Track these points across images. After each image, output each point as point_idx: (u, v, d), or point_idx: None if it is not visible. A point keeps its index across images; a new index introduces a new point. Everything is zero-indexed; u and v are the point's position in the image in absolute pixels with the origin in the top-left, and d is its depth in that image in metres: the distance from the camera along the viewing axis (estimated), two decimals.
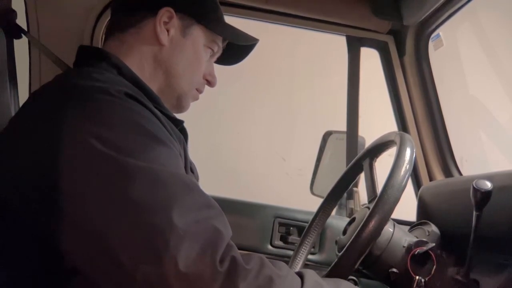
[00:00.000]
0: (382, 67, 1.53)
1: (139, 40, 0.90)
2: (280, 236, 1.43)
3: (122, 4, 0.95)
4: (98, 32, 1.36)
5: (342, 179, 1.13)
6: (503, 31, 2.04)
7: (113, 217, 0.61)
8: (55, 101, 0.71)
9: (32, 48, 1.33)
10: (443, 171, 1.45)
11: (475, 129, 2.17)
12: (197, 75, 0.96)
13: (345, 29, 1.49)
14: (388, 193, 0.81)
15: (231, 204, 1.45)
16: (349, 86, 1.55)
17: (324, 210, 1.14)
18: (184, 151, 0.84)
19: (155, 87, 0.91)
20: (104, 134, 0.65)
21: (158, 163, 0.65)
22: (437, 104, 1.46)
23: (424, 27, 1.42)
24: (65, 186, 0.63)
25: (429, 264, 0.88)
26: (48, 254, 0.66)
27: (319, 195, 1.56)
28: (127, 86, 0.78)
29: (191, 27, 0.93)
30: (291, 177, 2.69)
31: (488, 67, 2.09)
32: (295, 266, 1.12)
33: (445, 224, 1.01)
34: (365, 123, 1.56)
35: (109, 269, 0.61)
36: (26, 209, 0.67)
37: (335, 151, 1.59)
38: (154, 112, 0.76)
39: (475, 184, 0.79)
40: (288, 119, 2.79)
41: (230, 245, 0.63)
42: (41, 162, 0.65)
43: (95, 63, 0.84)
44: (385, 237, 0.90)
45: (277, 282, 0.62)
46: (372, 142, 1.05)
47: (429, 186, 1.30)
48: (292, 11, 1.45)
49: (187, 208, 0.62)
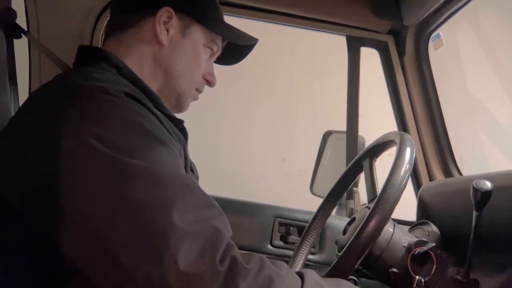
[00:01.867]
0: (382, 67, 1.53)
1: (138, 40, 0.90)
2: (280, 236, 1.43)
3: (121, 4, 0.95)
4: (98, 32, 1.36)
5: (342, 179, 1.13)
6: (503, 31, 2.04)
7: (113, 217, 0.61)
8: (55, 101, 0.71)
9: (32, 48, 1.33)
10: (443, 171, 1.45)
11: (475, 129, 2.17)
12: (196, 75, 0.96)
13: (345, 29, 1.49)
14: (388, 193, 0.81)
15: (231, 204, 1.45)
16: (349, 86, 1.55)
17: (324, 210, 1.14)
18: (184, 151, 0.84)
19: (155, 87, 0.91)
20: (104, 134, 0.65)
21: (158, 163, 0.65)
22: (437, 104, 1.46)
23: (424, 27, 1.42)
24: (65, 186, 0.63)
25: (429, 264, 0.88)
26: (48, 254, 0.66)
27: (319, 195, 1.56)
28: (127, 86, 0.78)
29: (190, 27, 0.93)
30: (291, 177, 2.69)
31: (488, 67, 2.09)
32: (295, 266, 1.12)
33: (445, 224, 1.01)
34: (365, 123, 1.56)
35: (109, 269, 0.61)
36: (26, 209, 0.67)
37: (335, 151, 1.59)
38: (154, 112, 0.76)
39: (475, 184, 0.79)
40: (288, 119, 2.79)
41: (230, 244, 0.63)
42: (41, 162, 0.65)
43: (95, 63, 0.84)
44: (385, 237, 0.90)
45: (277, 281, 0.62)
46: (372, 142, 1.05)
47: (429, 186, 1.30)
48: (292, 11, 1.45)
49: (187, 208, 0.62)
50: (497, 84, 2.07)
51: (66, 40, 1.31)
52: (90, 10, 1.35)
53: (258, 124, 2.75)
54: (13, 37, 1.11)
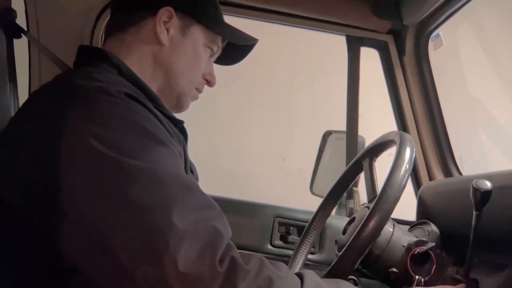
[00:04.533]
0: (382, 67, 1.53)
1: (139, 40, 0.90)
2: (280, 235, 1.43)
3: (121, 4, 0.95)
4: (98, 32, 1.36)
5: (342, 179, 1.13)
6: (503, 31, 2.04)
7: (113, 218, 0.61)
8: (55, 101, 0.71)
9: (32, 48, 1.33)
10: (443, 171, 1.45)
11: (475, 129, 2.17)
12: (196, 74, 0.96)
13: (345, 29, 1.49)
14: (388, 193, 0.81)
15: (231, 204, 1.45)
16: (349, 86, 1.55)
17: (324, 210, 1.14)
18: (184, 152, 0.84)
19: (155, 87, 0.91)
20: (104, 135, 0.65)
21: (158, 164, 0.65)
22: (437, 104, 1.46)
23: (424, 27, 1.42)
24: (65, 187, 0.63)
25: (429, 263, 0.88)
26: (48, 254, 0.66)
27: (319, 194, 1.56)
28: (127, 86, 0.78)
29: (190, 27, 0.93)
30: (291, 177, 2.69)
31: (488, 67, 2.09)
32: (295, 265, 1.12)
33: (445, 224, 1.01)
34: (365, 123, 1.56)
35: (109, 269, 0.61)
36: (26, 209, 0.67)
37: (335, 151, 1.59)
38: (154, 113, 0.76)
39: (475, 184, 0.79)
40: (288, 119, 2.79)
41: (230, 245, 0.63)
42: (41, 162, 0.65)
43: (95, 63, 0.84)
44: (385, 237, 0.90)
45: (277, 282, 0.62)
46: (372, 142, 1.05)
47: (429, 185, 1.30)
48: (292, 11, 1.45)
49: (187, 209, 0.62)
50: (497, 84, 2.07)
51: (66, 40, 1.31)
52: (90, 10, 1.34)
53: (258, 124, 2.74)
54: (13, 37, 1.10)
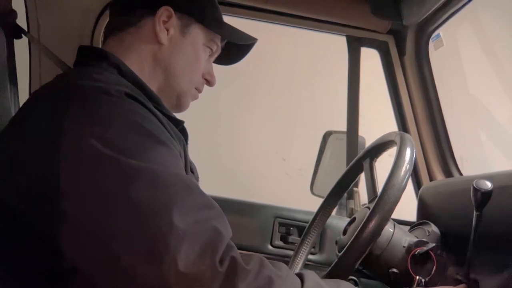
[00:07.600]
0: (382, 67, 1.53)
1: (138, 39, 0.90)
2: (280, 236, 1.43)
3: (121, 4, 0.95)
4: (98, 32, 1.36)
5: (342, 179, 1.13)
6: (503, 31, 2.04)
7: (113, 218, 0.61)
8: (56, 101, 0.71)
9: (32, 48, 1.33)
10: (443, 171, 1.45)
11: (475, 129, 2.16)
12: (196, 74, 0.96)
13: (345, 29, 1.49)
14: (388, 193, 0.81)
15: (231, 204, 1.45)
16: (349, 86, 1.55)
17: (324, 210, 1.14)
18: (184, 152, 0.84)
19: (155, 87, 0.91)
20: (104, 135, 0.65)
21: (158, 164, 0.65)
22: (437, 104, 1.46)
23: (424, 27, 1.42)
24: (65, 187, 0.63)
25: (429, 264, 0.88)
26: (48, 254, 0.66)
27: (319, 195, 1.56)
28: (127, 86, 0.78)
29: (190, 27, 0.93)
30: (291, 177, 2.69)
31: (488, 67, 2.09)
32: (295, 266, 1.11)
33: (445, 224, 1.01)
34: (365, 123, 1.55)
35: (109, 269, 0.61)
36: (26, 210, 0.67)
37: (335, 151, 1.59)
38: (154, 113, 0.76)
39: (475, 184, 0.79)
40: (288, 119, 2.78)
41: (230, 245, 0.63)
42: (41, 162, 0.65)
43: (95, 63, 0.84)
44: (385, 237, 0.90)
45: (277, 282, 0.62)
46: (372, 142, 1.05)
47: (429, 186, 1.29)
48: (292, 11, 1.45)
49: (187, 209, 0.62)
50: (497, 84, 2.07)
51: (66, 40, 1.31)
52: (90, 10, 1.35)
53: (258, 124, 2.74)
54: (13, 37, 1.10)
